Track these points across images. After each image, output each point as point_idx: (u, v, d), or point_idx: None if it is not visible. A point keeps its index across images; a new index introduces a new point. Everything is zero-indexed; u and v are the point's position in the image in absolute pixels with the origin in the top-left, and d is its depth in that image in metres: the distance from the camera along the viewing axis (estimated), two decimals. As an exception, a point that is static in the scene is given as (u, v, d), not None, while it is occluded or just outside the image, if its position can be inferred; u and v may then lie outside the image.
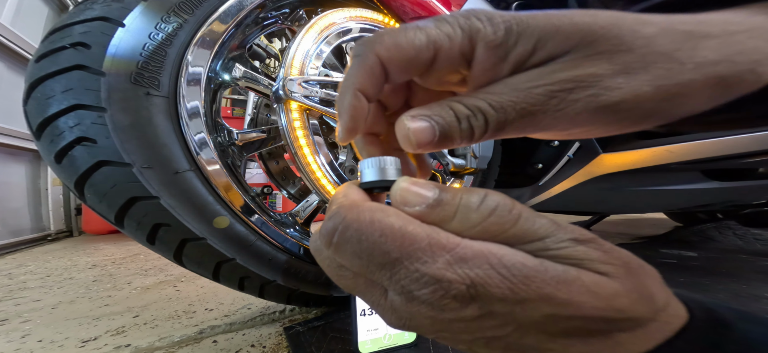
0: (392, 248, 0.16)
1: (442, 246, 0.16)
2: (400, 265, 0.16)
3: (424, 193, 0.18)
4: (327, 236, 0.18)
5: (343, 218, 0.17)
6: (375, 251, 0.16)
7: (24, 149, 1.89)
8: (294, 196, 0.90)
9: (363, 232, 0.17)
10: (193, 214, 0.47)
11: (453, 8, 0.74)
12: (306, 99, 0.58)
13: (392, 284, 0.17)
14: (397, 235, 0.16)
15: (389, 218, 0.17)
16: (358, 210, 0.17)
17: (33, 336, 0.66)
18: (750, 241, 1.52)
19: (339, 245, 0.17)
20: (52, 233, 2.04)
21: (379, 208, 0.17)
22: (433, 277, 0.16)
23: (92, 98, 0.42)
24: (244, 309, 0.76)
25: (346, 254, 0.17)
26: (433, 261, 0.16)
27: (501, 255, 0.16)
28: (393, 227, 0.16)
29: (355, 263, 0.17)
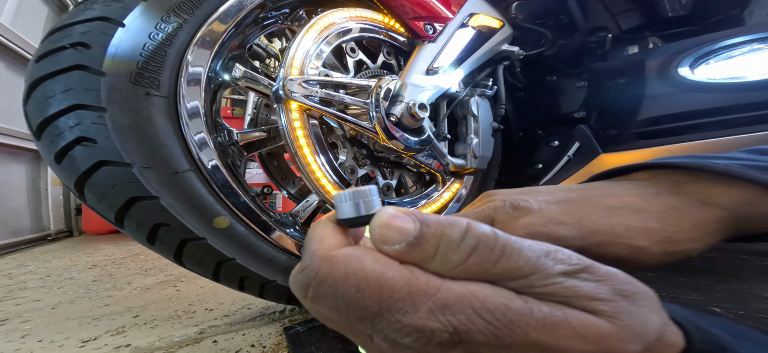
0: (370, 303, 0.16)
1: (422, 293, 0.16)
2: (380, 318, 0.16)
3: (404, 227, 0.17)
4: (302, 290, 0.17)
5: (316, 272, 0.17)
6: (352, 306, 0.16)
7: (24, 149, 1.89)
8: (294, 196, 0.90)
9: (338, 288, 0.16)
10: (193, 214, 0.47)
11: (453, 8, 0.74)
12: (306, 99, 0.58)
13: (375, 333, 0.16)
14: (375, 287, 0.16)
15: (365, 269, 0.16)
16: (331, 263, 0.17)
17: (33, 336, 0.66)
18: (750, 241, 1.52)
19: (315, 299, 0.17)
20: (52, 233, 2.04)
21: (355, 257, 0.17)
22: (414, 327, 0.15)
23: (92, 98, 0.42)
24: (244, 309, 0.76)
25: (323, 308, 0.17)
26: (414, 311, 0.15)
27: (483, 298, 0.15)
28: (369, 279, 0.16)
29: (334, 317, 0.17)
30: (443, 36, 0.72)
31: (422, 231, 0.17)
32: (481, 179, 0.90)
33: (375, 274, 0.16)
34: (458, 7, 0.75)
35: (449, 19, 0.73)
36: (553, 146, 0.99)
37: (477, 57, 0.79)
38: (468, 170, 0.82)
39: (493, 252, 0.16)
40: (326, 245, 0.17)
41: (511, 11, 0.92)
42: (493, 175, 0.93)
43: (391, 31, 0.74)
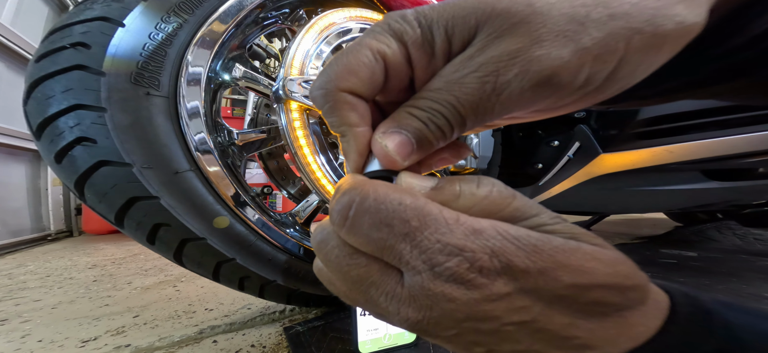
0: (412, 216, 0.16)
1: (455, 219, 0.16)
2: (421, 235, 0.16)
3: (425, 183, 0.19)
4: (341, 212, 0.17)
5: (359, 192, 0.17)
6: (396, 219, 0.16)
7: (24, 149, 1.89)
8: (294, 196, 0.90)
9: (381, 201, 0.16)
10: (193, 214, 0.47)
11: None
12: (306, 99, 0.58)
13: (414, 258, 0.16)
14: (414, 206, 0.16)
15: (403, 193, 0.17)
16: (373, 185, 0.17)
17: (33, 336, 0.66)
18: (750, 241, 1.52)
19: (355, 219, 0.17)
20: (52, 233, 2.04)
21: (391, 186, 0.17)
22: (456, 246, 0.15)
23: (92, 97, 0.42)
24: (244, 309, 0.76)
25: (362, 230, 0.17)
26: (452, 232, 0.16)
27: (506, 228, 0.16)
28: (408, 200, 0.16)
29: (374, 237, 0.16)
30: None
31: (442, 182, 0.19)
32: (481, 179, 0.90)
33: (413, 197, 0.16)
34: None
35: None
36: (553, 146, 0.99)
37: (477, 57, 0.79)
38: (468, 170, 0.82)
39: (507, 192, 0.18)
40: (360, 180, 0.18)
41: (511, 11, 0.92)
42: (493, 175, 0.93)
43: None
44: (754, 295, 0.83)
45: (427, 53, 0.19)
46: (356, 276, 0.18)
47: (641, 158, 0.94)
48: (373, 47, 0.18)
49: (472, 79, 0.17)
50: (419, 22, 0.18)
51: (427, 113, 0.18)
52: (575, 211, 1.44)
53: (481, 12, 0.17)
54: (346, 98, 0.19)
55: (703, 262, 1.17)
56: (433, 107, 0.18)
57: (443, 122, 0.18)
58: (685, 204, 1.13)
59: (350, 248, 0.18)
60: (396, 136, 0.18)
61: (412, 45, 0.18)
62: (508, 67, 0.16)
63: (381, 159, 0.19)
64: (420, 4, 0.70)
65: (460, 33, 0.18)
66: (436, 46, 0.18)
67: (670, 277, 0.98)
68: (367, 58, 0.18)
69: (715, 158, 0.90)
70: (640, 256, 1.24)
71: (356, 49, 0.18)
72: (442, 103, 0.18)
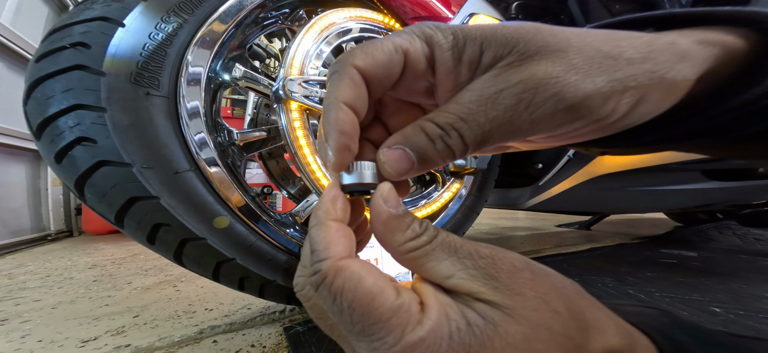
0: (357, 321, 0.17)
1: (400, 335, 0.17)
2: (361, 337, 0.17)
3: (395, 208, 0.20)
4: (313, 282, 0.18)
5: (324, 278, 0.18)
6: (343, 317, 0.17)
7: (24, 149, 1.89)
8: (294, 196, 0.90)
9: (335, 298, 0.17)
10: (193, 214, 0.47)
11: (453, 8, 0.74)
12: (306, 99, 0.58)
13: (357, 348, 0.18)
14: (365, 309, 0.17)
15: (361, 288, 0.17)
16: (335, 274, 0.18)
17: (33, 336, 0.66)
18: (750, 241, 1.52)
19: (322, 293, 0.18)
20: (52, 233, 2.04)
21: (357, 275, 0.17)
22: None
23: (92, 98, 0.42)
24: (244, 309, 0.76)
25: (326, 304, 0.18)
26: (394, 346, 0.17)
27: (443, 334, 0.17)
28: (362, 300, 0.17)
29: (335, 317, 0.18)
30: (443, 36, 0.72)
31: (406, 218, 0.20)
32: (481, 178, 0.90)
33: (369, 297, 0.17)
34: (458, 7, 0.75)
35: (449, 19, 0.73)
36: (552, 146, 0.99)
37: (477, 57, 0.79)
38: (468, 170, 0.82)
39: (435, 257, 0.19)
40: (334, 252, 0.18)
41: (511, 11, 0.92)
42: (494, 175, 0.93)
43: (391, 31, 0.74)
44: (754, 295, 0.83)
45: (454, 60, 0.19)
46: (327, 327, 0.21)
47: (641, 158, 0.94)
48: (397, 42, 0.19)
49: (508, 95, 0.18)
50: (454, 33, 0.19)
51: (442, 131, 0.19)
52: (575, 211, 1.44)
53: (520, 36, 0.19)
54: (352, 74, 0.19)
55: (703, 262, 1.17)
56: (453, 124, 0.19)
57: (457, 141, 0.19)
58: (685, 204, 1.13)
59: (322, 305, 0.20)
60: (397, 151, 0.19)
61: (439, 49, 0.19)
62: (547, 87, 0.18)
63: (379, 170, 0.20)
64: (420, 4, 0.70)
65: (494, 50, 0.19)
66: (464, 55, 0.19)
67: (670, 277, 0.98)
68: (388, 48, 0.19)
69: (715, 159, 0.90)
70: (640, 256, 1.24)
71: (380, 40, 0.20)
72: (467, 119, 0.19)
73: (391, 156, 0.19)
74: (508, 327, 0.17)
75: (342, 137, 0.18)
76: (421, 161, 0.19)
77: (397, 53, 0.19)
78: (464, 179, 0.86)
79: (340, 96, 0.19)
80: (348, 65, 0.19)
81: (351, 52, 0.20)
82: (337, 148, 0.19)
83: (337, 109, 0.18)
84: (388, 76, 0.20)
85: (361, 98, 0.19)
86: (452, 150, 0.19)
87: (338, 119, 0.18)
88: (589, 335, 0.18)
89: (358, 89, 0.19)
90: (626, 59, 0.18)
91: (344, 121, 0.18)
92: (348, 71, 0.19)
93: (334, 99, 0.19)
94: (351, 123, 0.19)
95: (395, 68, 0.19)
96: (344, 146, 0.19)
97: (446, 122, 0.19)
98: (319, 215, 0.20)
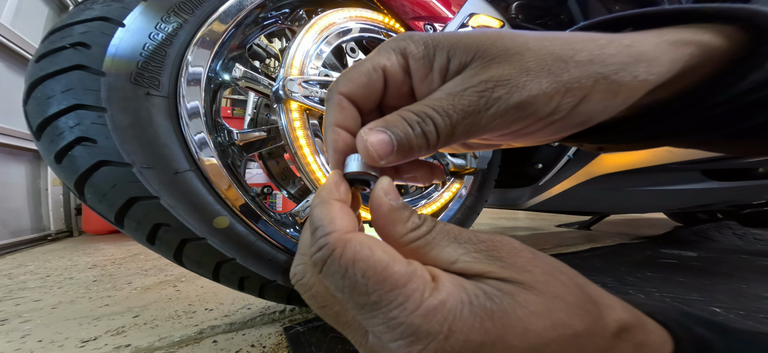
0: (373, 290, 0.17)
1: (419, 300, 0.16)
2: (378, 308, 0.17)
3: (395, 201, 0.20)
4: (316, 263, 0.18)
5: (331, 251, 0.17)
6: (356, 290, 0.17)
7: (24, 149, 1.89)
8: (294, 196, 0.90)
9: (347, 269, 0.17)
10: (193, 214, 0.47)
11: (453, 8, 0.74)
12: (306, 99, 0.58)
13: (374, 326, 0.17)
14: (380, 276, 0.16)
15: (374, 257, 0.17)
16: (344, 246, 0.17)
17: (33, 336, 0.66)
18: (750, 241, 1.52)
19: (327, 272, 0.18)
20: (52, 233, 2.04)
21: (366, 244, 0.17)
22: (415, 328, 0.16)
23: (92, 98, 0.42)
24: (244, 309, 0.76)
25: (333, 283, 0.18)
26: (413, 312, 0.16)
27: (461, 299, 0.17)
28: (376, 268, 0.17)
29: (343, 296, 0.18)
30: (443, 36, 0.72)
31: (404, 210, 0.20)
32: (481, 178, 0.90)
33: (382, 264, 0.17)
34: (458, 7, 0.75)
35: (449, 19, 0.73)
36: (552, 146, 0.99)
37: (477, 57, 0.79)
38: (468, 170, 0.82)
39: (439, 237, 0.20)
40: (340, 226, 0.18)
41: (511, 11, 0.92)
42: (493, 175, 0.93)
43: (391, 31, 0.74)
44: (754, 295, 0.83)
45: (427, 68, 0.22)
46: (332, 315, 0.20)
47: (641, 158, 0.94)
48: (375, 61, 0.22)
49: (471, 92, 0.20)
50: (424, 43, 0.22)
51: (418, 118, 0.20)
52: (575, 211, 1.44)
53: (481, 43, 0.21)
54: (339, 100, 0.22)
55: (703, 262, 1.17)
56: (427, 113, 0.20)
57: (431, 128, 0.20)
58: (685, 204, 1.13)
59: (327, 289, 0.20)
60: (379, 134, 0.20)
61: (413, 58, 0.22)
62: (500, 86, 0.20)
63: (361, 153, 0.21)
64: (420, 4, 0.70)
65: (459, 57, 0.21)
66: (435, 63, 0.21)
67: (670, 277, 0.98)
68: (366, 69, 0.22)
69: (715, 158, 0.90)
70: (640, 256, 1.24)
71: (360, 63, 0.22)
72: (438, 110, 0.20)
73: (373, 137, 0.20)
74: (527, 296, 0.17)
75: (336, 154, 0.22)
76: (399, 145, 0.20)
77: (375, 71, 0.22)
78: (464, 179, 0.86)
79: (331, 121, 0.22)
80: (334, 93, 0.22)
81: (336, 81, 0.23)
82: (333, 162, 0.23)
83: (330, 132, 0.22)
84: (372, 92, 0.22)
85: (350, 118, 0.22)
86: (427, 138, 0.20)
87: (332, 140, 0.22)
88: (600, 308, 0.18)
89: (346, 111, 0.22)
90: (575, 62, 0.20)
91: (337, 141, 0.22)
92: (335, 98, 0.22)
93: (327, 124, 0.22)
94: (343, 141, 0.22)
95: (376, 85, 0.22)
96: (338, 161, 0.22)
97: (421, 110, 0.21)
98: (322, 194, 0.20)
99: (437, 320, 0.16)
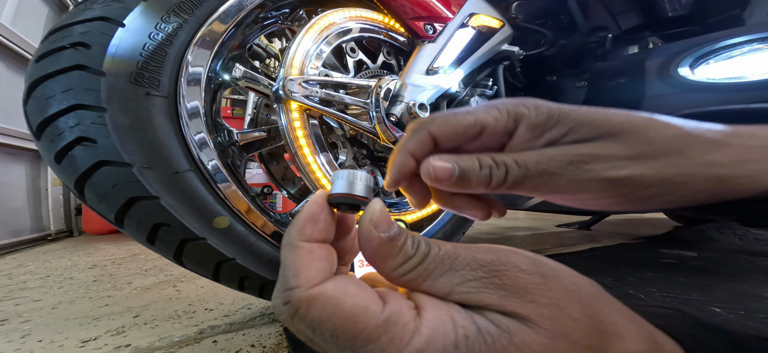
0: (344, 348, 0.16)
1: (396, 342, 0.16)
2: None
3: (388, 228, 0.19)
4: (286, 322, 0.17)
5: (296, 311, 0.16)
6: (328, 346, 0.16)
7: (24, 149, 1.89)
8: (294, 196, 0.90)
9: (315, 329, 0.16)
10: (193, 214, 0.47)
11: (453, 8, 0.74)
12: (306, 99, 0.58)
13: None
14: (349, 334, 0.16)
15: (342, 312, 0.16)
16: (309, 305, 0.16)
17: (33, 336, 0.66)
18: (750, 241, 1.52)
19: (298, 332, 0.17)
20: (52, 233, 2.04)
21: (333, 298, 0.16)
22: None
23: (92, 97, 0.42)
24: (244, 309, 0.76)
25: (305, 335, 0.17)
26: None
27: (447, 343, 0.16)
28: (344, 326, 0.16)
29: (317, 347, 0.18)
30: (443, 36, 0.72)
31: (400, 234, 0.19)
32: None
33: (351, 321, 0.16)
34: (458, 7, 0.75)
35: (449, 19, 0.73)
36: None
37: (477, 57, 0.79)
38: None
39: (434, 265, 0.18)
40: (304, 280, 0.17)
41: (511, 11, 0.92)
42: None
43: (391, 31, 0.74)
44: (754, 295, 0.83)
45: (535, 135, 0.21)
46: (321, 349, 0.19)
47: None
48: (480, 117, 0.22)
49: (565, 158, 0.20)
50: (550, 114, 0.21)
51: (493, 163, 0.21)
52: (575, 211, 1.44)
53: (613, 126, 0.20)
54: (426, 136, 0.22)
55: (703, 262, 1.17)
56: (506, 162, 0.21)
57: (501, 173, 0.21)
58: (685, 204, 1.12)
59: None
60: (446, 164, 0.21)
61: (526, 125, 0.21)
62: (598, 162, 0.20)
63: (422, 172, 0.22)
64: (420, 4, 0.70)
65: (582, 133, 0.21)
66: (547, 133, 0.21)
67: (670, 277, 0.97)
68: (467, 122, 0.22)
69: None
70: (640, 256, 1.24)
71: (465, 113, 0.22)
72: (519, 163, 0.20)
73: (439, 163, 0.21)
74: (526, 336, 0.15)
75: (399, 174, 0.23)
76: (461, 176, 0.21)
77: (475, 127, 0.22)
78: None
79: (408, 147, 0.23)
80: (425, 130, 0.22)
81: (433, 119, 0.23)
82: (391, 181, 0.23)
83: (402, 155, 0.23)
84: (461, 140, 0.22)
85: (423, 152, 0.23)
86: (491, 178, 0.21)
87: (400, 162, 0.23)
88: (607, 341, 0.17)
89: (424, 147, 0.23)
90: (702, 162, 0.19)
91: (405, 164, 0.23)
92: (422, 134, 0.22)
93: (403, 147, 0.23)
94: (408, 167, 0.23)
95: (468, 135, 0.22)
96: (398, 180, 0.23)
97: (502, 159, 0.21)
98: (291, 233, 0.19)
99: None
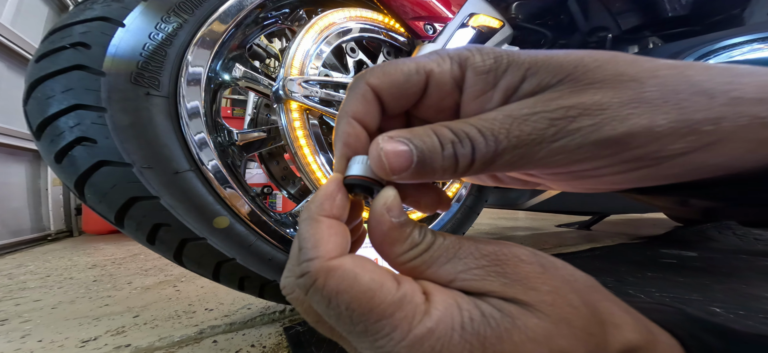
0: (358, 321, 0.16)
1: (406, 330, 0.16)
2: (364, 337, 0.16)
3: (398, 216, 0.18)
4: (302, 286, 0.17)
5: (313, 281, 0.16)
6: (341, 320, 0.16)
7: (24, 149, 1.88)
8: (294, 196, 0.90)
9: (331, 300, 0.16)
10: (193, 214, 0.47)
11: (453, 8, 0.74)
12: (306, 99, 0.58)
13: (360, 349, 0.17)
14: (365, 307, 0.16)
15: (359, 286, 0.16)
16: (327, 275, 0.16)
17: (33, 336, 0.66)
18: (750, 241, 1.52)
19: (313, 297, 0.17)
20: (52, 233, 2.04)
21: (352, 272, 0.16)
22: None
23: (92, 98, 0.42)
24: (244, 309, 0.76)
25: (320, 308, 0.17)
26: (399, 343, 0.16)
27: (454, 324, 0.16)
28: (361, 299, 0.16)
29: (330, 322, 0.17)
30: (443, 36, 0.72)
31: (408, 226, 0.19)
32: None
33: (367, 295, 0.16)
34: (458, 7, 0.75)
35: (449, 19, 0.73)
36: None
37: (477, 57, 0.79)
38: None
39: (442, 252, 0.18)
40: (324, 252, 0.17)
41: (511, 11, 0.92)
42: (493, 175, 0.93)
43: (391, 31, 0.74)
44: (754, 295, 0.83)
45: (488, 84, 0.18)
46: (326, 330, 0.19)
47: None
48: (421, 63, 0.19)
49: (542, 118, 0.16)
50: (497, 57, 0.18)
51: (455, 137, 0.17)
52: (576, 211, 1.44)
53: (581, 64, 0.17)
54: (364, 91, 0.19)
55: (703, 262, 1.17)
56: (468, 133, 0.17)
57: (467, 152, 0.17)
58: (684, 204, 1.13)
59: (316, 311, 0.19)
60: (399, 145, 0.17)
61: (473, 70, 0.18)
62: (586, 115, 0.16)
63: (372, 161, 0.18)
64: (420, 4, 0.70)
65: (540, 77, 0.17)
66: (502, 81, 0.18)
67: (670, 277, 0.98)
68: (408, 68, 0.19)
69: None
70: (640, 256, 1.24)
71: (402, 60, 0.19)
72: (484, 132, 0.17)
73: (391, 147, 0.17)
74: (528, 320, 0.16)
75: (344, 148, 0.19)
76: (420, 163, 0.17)
77: (417, 74, 0.19)
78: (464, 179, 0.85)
79: (348, 110, 0.19)
80: (362, 82, 0.19)
81: (369, 70, 0.20)
82: (339, 156, 0.20)
83: (344, 122, 0.19)
84: (405, 95, 0.19)
85: (369, 114, 0.19)
86: (457, 161, 0.17)
87: (343, 132, 0.19)
88: (605, 330, 0.17)
89: (367, 105, 0.19)
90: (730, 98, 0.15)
91: (349, 133, 0.19)
92: (361, 87, 0.19)
93: (343, 112, 0.20)
94: (355, 135, 0.19)
95: (413, 88, 0.19)
96: (344, 155, 0.20)
97: (462, 129, 0.17)
98: (310, 209, 0.18)
99: (424, 349, 0.15)
